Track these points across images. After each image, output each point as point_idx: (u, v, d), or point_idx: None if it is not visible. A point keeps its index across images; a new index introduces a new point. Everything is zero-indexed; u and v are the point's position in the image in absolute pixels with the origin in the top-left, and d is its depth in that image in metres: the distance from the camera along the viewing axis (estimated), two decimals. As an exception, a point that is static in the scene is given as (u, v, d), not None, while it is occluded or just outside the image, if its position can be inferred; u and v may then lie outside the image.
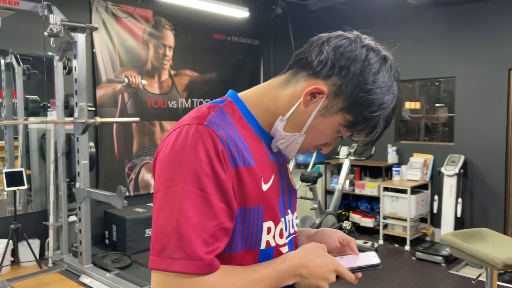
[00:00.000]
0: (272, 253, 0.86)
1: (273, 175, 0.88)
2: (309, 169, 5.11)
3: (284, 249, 0.89)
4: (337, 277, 0.88)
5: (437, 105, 5.29)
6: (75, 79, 3.84)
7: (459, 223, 4.60)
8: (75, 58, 3.83)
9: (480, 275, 2.55)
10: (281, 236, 0.88)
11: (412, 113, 5.44)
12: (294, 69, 0.87)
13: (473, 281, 2.72)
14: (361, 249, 3.69)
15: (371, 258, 0.92)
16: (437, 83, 5.04)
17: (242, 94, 0.91)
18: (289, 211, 0.96)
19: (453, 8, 4.77)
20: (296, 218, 1.00)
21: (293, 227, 0.97)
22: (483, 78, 4.63)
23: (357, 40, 0.86)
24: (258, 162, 0.84)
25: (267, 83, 0.91)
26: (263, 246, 0.84)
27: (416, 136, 5.44)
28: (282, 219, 0.91)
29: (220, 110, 0.84)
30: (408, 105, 5.48)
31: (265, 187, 0.84)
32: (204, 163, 0.74)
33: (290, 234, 0.95)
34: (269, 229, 0.85)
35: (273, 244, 0.86)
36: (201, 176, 0.74)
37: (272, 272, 0.81)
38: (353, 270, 0.88)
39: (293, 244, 0.97)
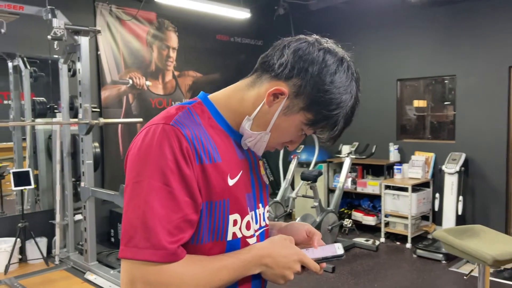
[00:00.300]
0: (239, 244, 0.91)
1: (241, 171, 0.93)
2: (311, 168, 5.16)
3: (252, 240, 0.94)
4: (303, 267, 0.93)
5: (445, 103, 5.29)
6: (79, 81, 3.94)
7: (461, 221, 4.62)
8: (79, 60, 3.92)
9: (472, 270, 2.59)
10: (247, 228, 0.93)
11: (417, 111, 5.45)
12: (259, 71, 0.93)
13: (464, 277, 2.76)
14: (362, 247, 3.73)
15: (336, 249, 0.98)
16: (445, 81, 5.02)
17: (212, 96, 0.96)
18: (260, 205, 1.01)
19: (453, 7, 4.78)
20: (268, 212, 1.05)
21: (264, 220, 1.02)
22: (483, 76, 4.64)
23: (315, 44, 0.90)
24: (225, 159, 0.89)
25: (235, 85, 0.96)
26: (229, 237, 0.90)
27: (420, 135, 5.45)
28: (252, 212, 0.96)
29: (188, 110, 0.89)
30: (417, 103, 5.48)
31: (231, 182, 0.89)
32: (169, 160, 0.80)
33: (261, 227, 1.00)
34: (235, 221, 0.90)
35: (239, 235, 0.91)
36: (166, 172, 0.79)
37: (237, 261, 0.87)
38: (318, 261, 0.94)
39: (265, 237, 1.02)
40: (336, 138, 0.94)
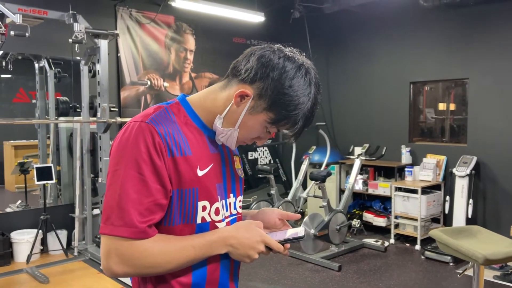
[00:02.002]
0: (208, 227, 1.04)
1: (212, 164, 1.05)
2: (322, 168, 5.24)
3: (221, 225, 1.07)
4: (269, 248, 1.04)
5: (462, 106, 5.26)
6: (98, 81, 4.15)
7: (471, 224, 4.61)
8: (98, 62, 4.14)
9: (465, 269, 2.63)
10: (216, 213, 1.06)
11: (436, 114, 5.44)
12: (230, 76, 1.05)
13: (458, 275, 2.80)
14: (371, 248, 3.82)
15: (298, 232, 1.08)
16: (466, 85, 5.00)
17: (189, 97, 1.09)
18: (231, 195, 1.13)
19: (465, 10, 4.79)
20: (240, 201, 1.18)
21: (235, 209, 1.14)
22: (495, 80, 4.63)
23: (277, 52, 1.01)
24: (196, 152, 1.02)
25: (210, 88, 1.10)
26: (199, 221, 1.02)
27: (433, 137, 5.45)
28: (223, 201, 1.09)
29: (165, 110, 1.03)
30: (440, 106, 5.47)
31: (200, 173, 1.02)
32: (143, 152, 0.94)
33: (232, 215, 1.13)
34: (204, 207, 1.03)
35: (208, 220, 1.04)
36: (140, 162, 0.93)
37: (202, 241, 0.99)
38: (281, 242, 1.05)
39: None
40: (297, 135, 1.06)
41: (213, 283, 1.07)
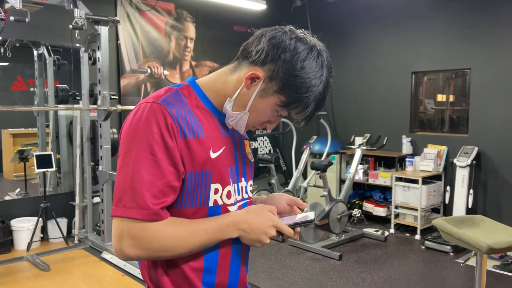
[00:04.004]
0: (219, 210, 1.03)
1: (224, 147, 1.04)
2: (322, 158, 5.23)
3: (232, 208, 1.05)
4: (279, 232, 1.03)
5: (463, 97, 5.24)
6: (99, 69, 4.11)
7: (471, 214, 4.62)
8: (98, 49, 4.09)
9: (468, 259, 2.64)
10: (228, 197, 1.04)
11: (436, 105, 5.42)
12: (240, 58, 1.03)
13: (461, 264, 2.81)
14: (371, 237, 3.82)
15: (308, 216, 1.08)
16: (466, 75, 4.98)
17: (199, 80, 1.08)
18: (242, 179, 1.12)
19: (469, 0, 4.75)
20: (251, 186, 1.17)
21: (246, 193, 1.13)
22: (498, 70, 4.61)
23: (288, 33, 0.99)
24: (208, 134, 1.00)
25: (220, 70, 1.08)
26: (211, 203, 1.01)
27: (434, 128, 5.44)
28: (234, 184, 1.07)
29: (176, 92, 1.01)
30: (439, 97, 5.45)
31: (213, 155, 1.00)
32: (155, 134, 0.92)
33: (244, 199, 1.12)
34: (216, 190, 1.01)
35: (220, 203, 1.03)
36: (152, 143, 0.91)
37: (214, 225, 0.98)
38: (291, 226, 1.04)
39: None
40: (308, 119, 1.04)
41: (225, 267, 1.06)
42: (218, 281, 1.05)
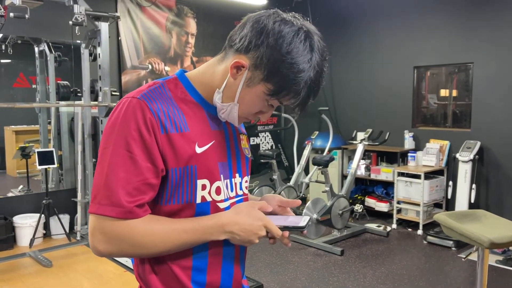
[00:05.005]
0: (208, 207, 0.99)
1: (213, 141, 0.99)
2: (324, 154, 5.22)
3: (223, 205, 1.01)
4: (267, 233, 0.98)
5: (466, 92, 5.21)
6: (99, 65, 4.11)
7: (473, 209, 4.60)
8: (99, 45, 4.08)
9: (470, 254, 2.63)
10: (217, 193, 1.00)
11: (439, 100, 5.38)
12: (227, 47, 0.98)
13: (463, 259, 2.80)
14: (373, 233, 3.81)
15: (299, 221, 1.03)
16: (469, 70, 4.93)
17: (188, 73, 1.04)
18: (237, 174, 1.08)
19: (472, -7, 4.71)
20: (246, 182, 1.12)
21: (241, 189, 1.09)
22: (501, 64, 4.58)
23: (273, 16, 0.93)
24: (194, 129, 0.97)
25: (209, 62, 1.03)
26: (198, 200, 0.97)
27: (436, 123, 5.42)
28: (227, 180, 1.04)
29: (160, 86, 0.97)
30: (442, 92, 5.42)
31: (199, 150, 0.96)
32: (132, 130, 0.89)
33: (238, 195, 1.08)
34: (203, 186, 0.97)
35: (209, 199, 0.99)
36: (129, 140, 0.89)
37: (196, 225, 0.94)
38: (281, 228, 0.99)
39: None
40: (301, 107, 0.97)
41: (216, 267, 1.03)
42: (209, 280, 1.02)
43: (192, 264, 0.99)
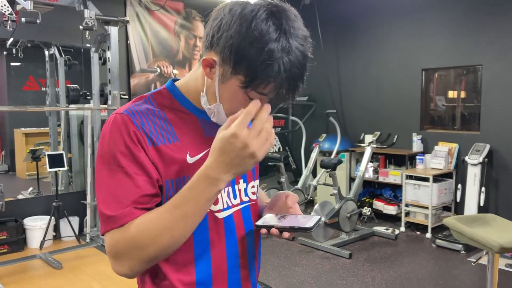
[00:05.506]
0: (206, 218, 0.94)
1: (208, 149, 0.87)
2: (332, 156, 5.22)
3: (221, 215, 0.97)
4: (268, 231, 0.92)
5: (475, 94, 5.19)
6: (109, 69, 4.15)
7: (483, 212, 4.57)
8: (108, 49, 4.13)
9: (480, 258, 2.62)
10: (215, 203, 0.95)
11: (447, 102, 5.36)
12: (203, 48, 0.93)
13: (473, 263, 2.79)
14: (381, 236, 3.79)
15: (307, 221, 0.94)
16: (478, 72, 4.91)
17: (177, 82, 1.01)
18: (240, 180, 1.03)
19: (481, -5, 4.69)
20: (253, 187, 1.07)
21: (246, 195, 1.05)
22: (511, 66, 4.55)
23: (230, 3, 0.87)
24: (184, 138, 0.93)
25: (195, 67, 0.99)
26: None
27: (445, 125, 5.39)
28: (228, 188, 0.99)
29: (146, 99, 0.96)
30: (450, 94, 5.40)
31: (191, 160, 0.92)
32: (120, 145, 0.87)
33: (243, 202, 1.03)
34: None
35: None
36: (118, 156, 0.86)
37: (184, 192, 0.84)
38: (284, 229, 0.92)
39: (251, 211, 1.06)
40: (289, 95, 0.88)
41: (222, 278, 0.98)
42: None
43: (195, 279, 0.95)
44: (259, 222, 0.97)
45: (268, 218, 0.99)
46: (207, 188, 0.83)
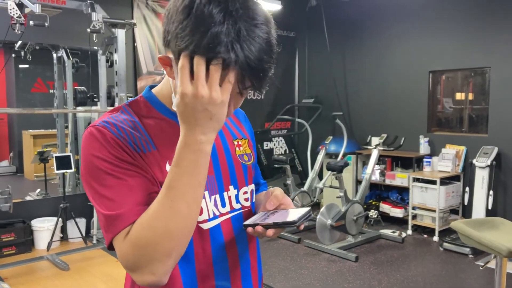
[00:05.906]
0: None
1: None
2: (338, 159, 5.20)
3: (206, 225, 0.92)
4: (266, 229, 0.87)
5: (483, 96, 5.15)
6: (116, 71, 4.17)
7: (491, 215, 4.53)
8: (115, 52, 4.15)
9: (488, 262, 2.59)
10: (200, 213, 0.90)
11: (455, 104, 5.33)
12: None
13: (480, 267, 2.76)
14: (388, 239, 3.77)
15: (292, 215, 0.89)
16: (486, 74, 4.88)
17: (154, 88, 0.96)
18: (230, 187, 0.98)
19: (488, -3, 4.66)
20: (245, 193, 1.01)
21: (238, 202, 0.99)
22: (519, 68, 4.52)
23: None
24: (162, 146, 0.88)
25: None
26: None
27: (452, 128, 5.36)
28: (215, 196, 0.94)
29: (123, 109, 0.91)
30: (458, 96, 5.37)
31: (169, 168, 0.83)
32: (101, 153, 0.82)
33: (233, 210, 0.98)
34: None
35: None
36: (102, 164, 0.82)
37: (173, 170, 0.78)
38: (268, 226, 0.88)
39: (244, 219, 0.98)
40: (256, 82, 0.80)
41: None
42: None
43: None
44: (247, 222, 0.92)
45: (256, 217, 0.94)
46: (193, 156, 0.77)
